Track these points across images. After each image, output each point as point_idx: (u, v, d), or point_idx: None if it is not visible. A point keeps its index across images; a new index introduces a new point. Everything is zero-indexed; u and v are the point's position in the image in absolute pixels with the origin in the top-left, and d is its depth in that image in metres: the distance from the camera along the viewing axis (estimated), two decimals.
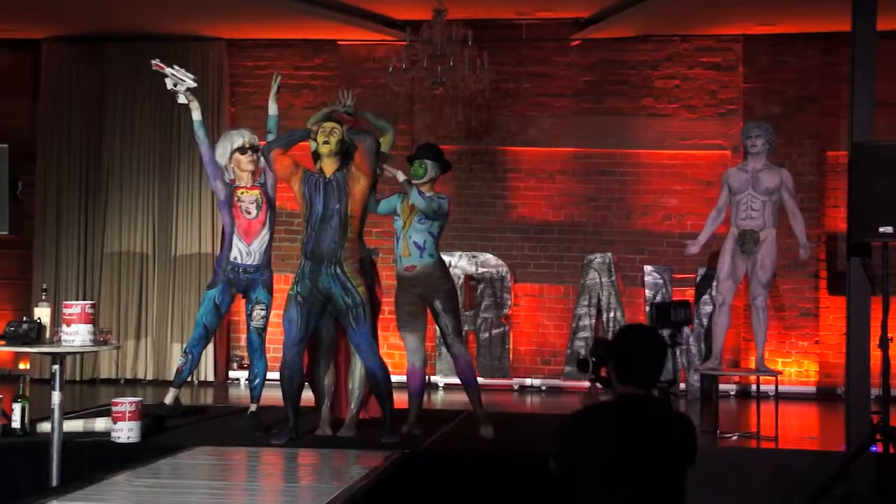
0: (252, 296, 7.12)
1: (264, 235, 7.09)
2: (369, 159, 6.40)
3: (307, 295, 6.42)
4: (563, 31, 10.30)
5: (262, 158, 6.96)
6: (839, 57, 9.52)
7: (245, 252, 7.06)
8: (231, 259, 7.07)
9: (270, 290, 7.18)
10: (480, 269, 10.22)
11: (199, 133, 7.13)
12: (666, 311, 7.51)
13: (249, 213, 7.05)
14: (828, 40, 9.93)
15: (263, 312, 7.15)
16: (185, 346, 7.27)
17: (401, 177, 6.71)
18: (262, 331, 7.18)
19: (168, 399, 7.17)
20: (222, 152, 7.10)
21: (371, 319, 6.55)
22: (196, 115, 7.10)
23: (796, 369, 9.99)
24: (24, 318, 6.07)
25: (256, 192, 7.07)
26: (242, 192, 7.06)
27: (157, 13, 9.80)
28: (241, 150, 7.06)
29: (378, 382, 6.57)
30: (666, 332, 7.17)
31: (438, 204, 6.72)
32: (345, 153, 6.51)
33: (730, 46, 10.23)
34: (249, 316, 7.14)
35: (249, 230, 7.04)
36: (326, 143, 6.44)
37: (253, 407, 7.15)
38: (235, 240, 7.06)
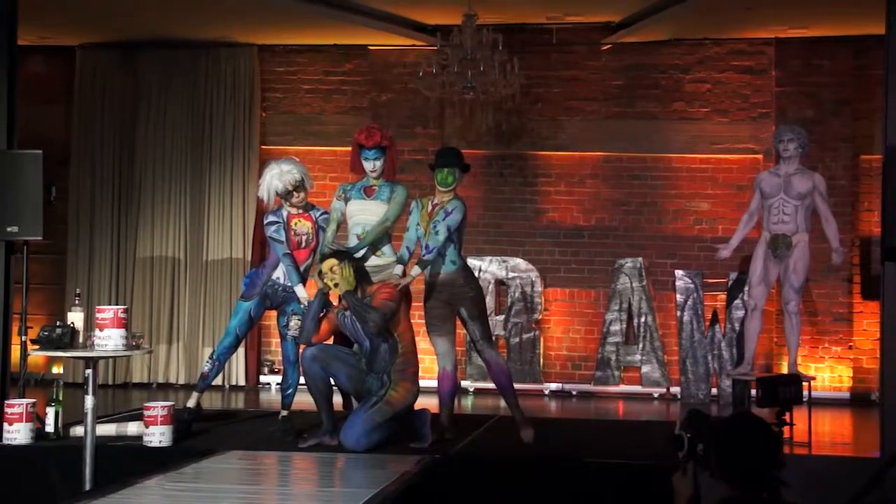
0: (287, 308, 7.16)
1: (309, 262, 7.14)
2: (392, 319, 6.48)
3: (356, 368, 6.56)
4: (593, 36, 10.26)
5: (307, 180, 7.04)
6: (873, 60, 9.43)
7: None
8: (273, 277, 7.11)
9: None
10: (510, 274, 10.19)
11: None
12: (773, 388, 6.59)
13: (301, 244, 7.08)
14: (861, 43, 9.83)
15: (300, 323, 7.18)
16: (213, 351, 7.29)
17: (408, 279, 6.69)
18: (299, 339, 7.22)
19: (191, 403, 7.21)
20: (266, 194, 7.09)
21: (382, 416, 6.48)
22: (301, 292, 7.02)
23: (830, 374, 9.90)
24: (58, 323, 6.11)
25: (310, 224, 7.11)
26: (297, 223, 7.07)
27: (189, 20, 9.85)
28: (285, 195, 7.07)
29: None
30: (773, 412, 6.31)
31: (447, 228, 6.68)
32: (360, 278, 6.57)
33: (762, 50, 10.16)
34: (286, 326, 7.18)
35: (298, 257, 7.08)
36: (336, 284, 6.51)
37: (284, 412, 7.18)
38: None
